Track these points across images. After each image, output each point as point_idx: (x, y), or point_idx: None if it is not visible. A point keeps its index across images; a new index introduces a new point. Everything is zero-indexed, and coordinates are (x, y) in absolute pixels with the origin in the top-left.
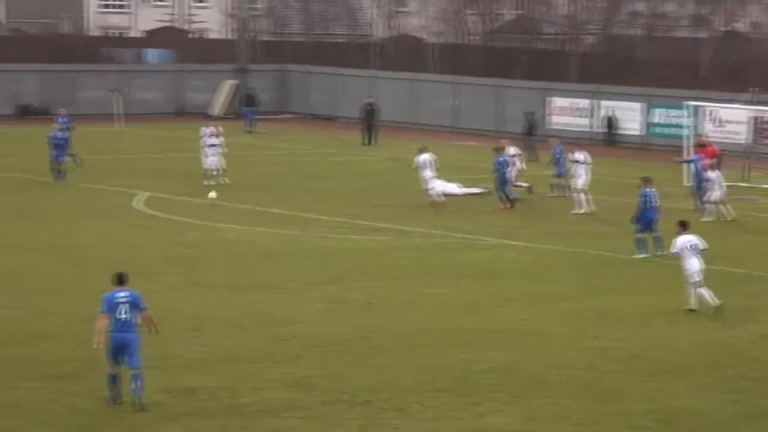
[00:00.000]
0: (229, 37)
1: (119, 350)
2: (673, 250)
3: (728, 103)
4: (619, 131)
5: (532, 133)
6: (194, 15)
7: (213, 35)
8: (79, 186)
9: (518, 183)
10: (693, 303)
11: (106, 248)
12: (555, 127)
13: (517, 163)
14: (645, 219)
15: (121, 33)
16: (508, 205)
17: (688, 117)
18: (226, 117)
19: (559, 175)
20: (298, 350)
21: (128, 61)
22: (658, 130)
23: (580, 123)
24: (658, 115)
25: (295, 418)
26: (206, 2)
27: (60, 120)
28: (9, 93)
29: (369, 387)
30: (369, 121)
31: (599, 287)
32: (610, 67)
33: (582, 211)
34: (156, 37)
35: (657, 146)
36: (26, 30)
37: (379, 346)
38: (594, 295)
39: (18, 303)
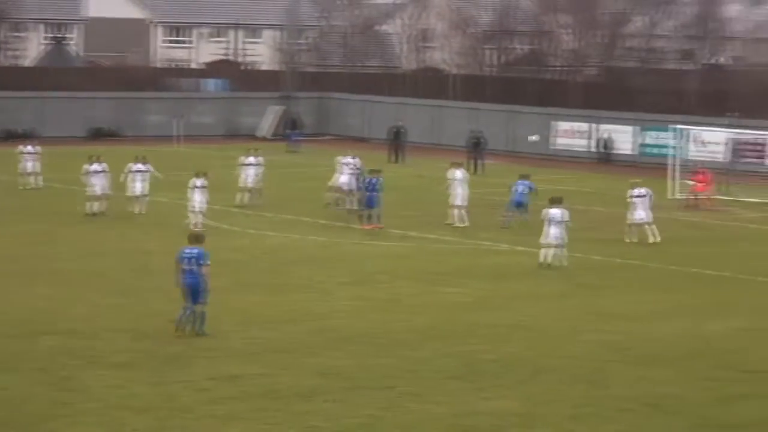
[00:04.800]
0: (278, 68)
1: (188, 291)
2: None
3: (710, 127)
4: (614, 151)
5: (478, 150)
6: (247, 49)
7: (263, 67)
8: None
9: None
10: None
11: (166, 254)
12: (559, 147)
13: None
14: None
15: (183, 65)
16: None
17: (675, 139)
18: (274, 138)
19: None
20: (330, 342)
21: (188, 90)
22: (648, 150)
23: (580, 144)
24: (648, 137)
25: (325, 401)
26: (258, 38)
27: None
28: (83, 118)
29: (391, 375)
30: (397, 142)
31: (594, 287)
32: (607, 95)
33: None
34: (213, 69)
35: (647, 164)
36: (100, 62)
37: (401, 339)
38: (589, 294)
39: (93, 301)
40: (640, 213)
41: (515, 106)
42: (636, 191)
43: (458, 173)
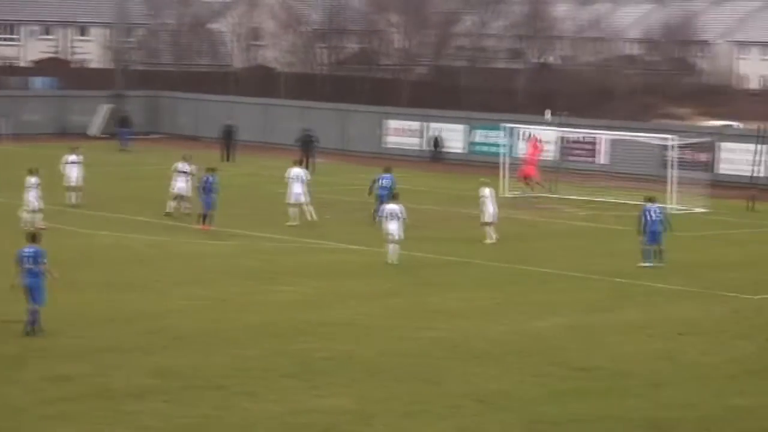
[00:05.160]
0: (108, 66)
1: (27, 290)
2: None
3: (538, 125)
4: (445, 149)
5: (309, 148)
6: (77, 47)
7: (93, 65)
8: None
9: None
10: None
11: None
12: (390, 146)
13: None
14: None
15: (10, 62)
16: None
17: (504, 137)
18: (103, 137)
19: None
20: (164, 342)
21: (16, 88)
22: (478, 148)
23: (411, 142)
24: (479, 136)
25: (158, 401)
26: (87, 36)
27: None
28: None
29: (223, 374)
30: (228, 141)
31: (427, 285)
32: (437, 93)
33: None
34: (42, 67)
35: (477, 162)
36: None
37: (233, 338)
38: (422, 292)
39: None
40: (491, 212)
41: (346, 105)
42: (487, 191)
43: (295, 170)
